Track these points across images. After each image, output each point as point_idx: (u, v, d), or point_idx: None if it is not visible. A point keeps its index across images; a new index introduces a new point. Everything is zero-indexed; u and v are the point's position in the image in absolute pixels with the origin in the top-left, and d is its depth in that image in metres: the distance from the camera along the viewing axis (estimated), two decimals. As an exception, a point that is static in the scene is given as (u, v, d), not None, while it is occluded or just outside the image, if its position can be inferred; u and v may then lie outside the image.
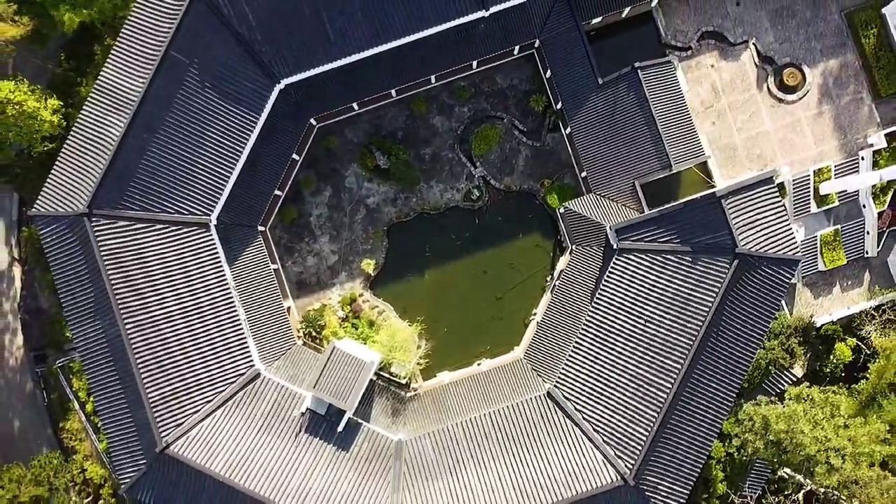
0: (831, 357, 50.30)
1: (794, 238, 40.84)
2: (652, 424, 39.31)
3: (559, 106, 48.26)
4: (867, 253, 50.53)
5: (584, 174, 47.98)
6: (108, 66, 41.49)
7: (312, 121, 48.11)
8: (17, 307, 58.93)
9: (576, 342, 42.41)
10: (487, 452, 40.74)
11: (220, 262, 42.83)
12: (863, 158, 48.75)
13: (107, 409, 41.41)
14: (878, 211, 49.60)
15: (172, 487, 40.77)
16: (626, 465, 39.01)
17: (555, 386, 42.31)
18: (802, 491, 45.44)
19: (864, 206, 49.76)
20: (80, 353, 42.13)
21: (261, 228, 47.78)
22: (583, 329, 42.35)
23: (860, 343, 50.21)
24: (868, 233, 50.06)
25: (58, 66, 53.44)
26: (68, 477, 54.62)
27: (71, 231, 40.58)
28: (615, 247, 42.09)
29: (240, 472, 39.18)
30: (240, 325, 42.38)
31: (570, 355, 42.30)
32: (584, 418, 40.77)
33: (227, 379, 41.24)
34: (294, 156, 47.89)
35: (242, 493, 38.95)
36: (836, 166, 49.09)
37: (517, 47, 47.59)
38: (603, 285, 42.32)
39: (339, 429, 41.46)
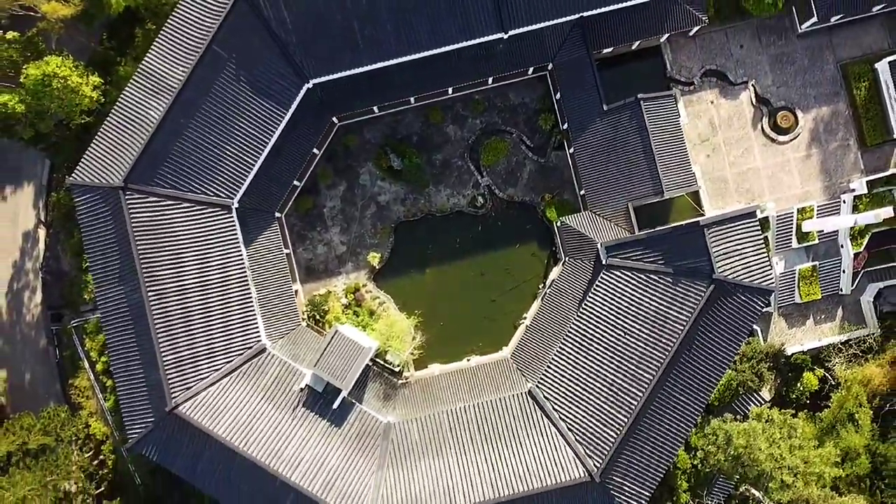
0: (799, 384, 53.62)
1: (769, 269, 44.18)
2: (622, 428, 42.67)
3: (565, 126, 51.60)
4: (841, 290, 53.77)
5: (582, 192, 51.35)
6: (152, 52, 44.90)
7: (334, 119, 51.48)
8: (38, 267, 62.31)
9: (559, 347, 45.80)
10: (468, 440, 44.16)
11: (237, 242, 46.24)
12: (844, 202, 52.00)
13: (121, 368, 44.83)
14: (854, 252, 52.84)
15: (175, 446, 44.20)
16: (594, 464, 42.38)
17: (536, 385, 45.72)
18: (760, 507, 48.80)
19: (842, 247, 53.01)
20: (102, 314, 45.54)
21: (277, 215, 51.13)
22: (567, 335, 45.74)
23: (826, 374, 53.56)
24: (844, 271, 53.30)
25: (99, 44, 56.81)
26: (73, 430, 57.87)
27: (105, 202, 44.00)
28: (604, 262, 45.46)
29: (240, 437, 42.58)
30: (251, 302, 45.79)
31: (552, 358, 45.71)
32: (560, 417, 44.16)
33: (235, 351, 44.65)
34: (314, 150, 51.25)
35: (240, 456, 42.34)
36: (818, 206, 52.36)
37: (531, 69, 51.00)
38: (590, 297, 45.70)
39: (334, 406, 44.86)
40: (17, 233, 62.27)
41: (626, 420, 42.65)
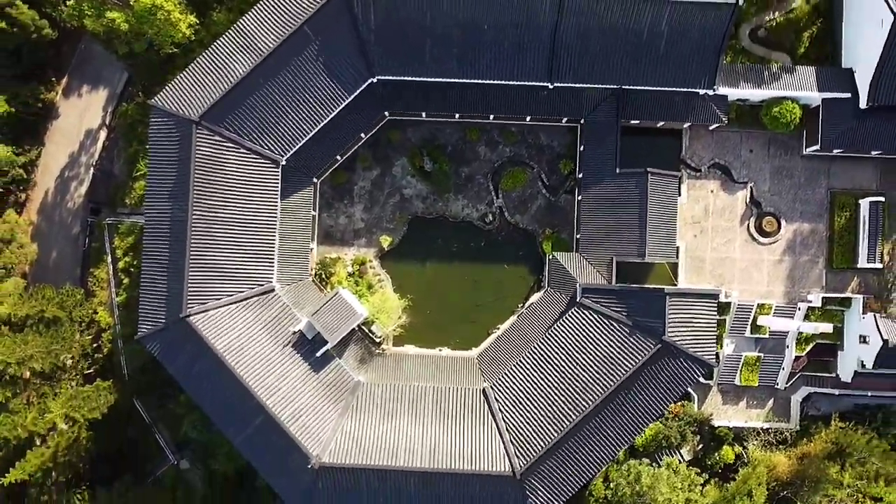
0: (717, 454, 60.31)
1: (713, 346, 51.10)
2: (551, 441, 49.53)
3: (580, 175, 58.36)
4: (777, 384, 60.43)
5: (578, 236, 58.16)
6: (251, 15, 51.68)
7: (386, 113, 58.20)
8: (92, 163, 69.23)
9: (520, 360, 52.75)
10: (421, 415, 51.16)
11: (276, 193, 53.15)
12: (799, 309, 58.64)
13: (150, 271, 51.76)
14: (796, 354, 59.51)
15: (176, 349, 51.21)
16: (519, 463, 49.25)
17: (491, 386, 52.64)
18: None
19: (787, 347, 59.58)
20: (147, 221, 52.46)
21: (314, 180, 57.94)
22: (529, 352, 52.67)
23: (743, 451, 60.28)
24: (783, 369, 59.93)
25: (201, -11, 63.56)
26: (83, 313, 64.86)
27: (177, 129, 50.92)
28: (578, 300, 52.31)
29: (233, 356, 49.51)
30: (273, 247, 52.75)
31: (511, 367, 52.67)
32: (502, 418, 51.05)
33: (249, 284, 51.61)
34: (361, 134, 58.04)
35: (229, 372, 49.23)
36: (776, 307, 58.96)
37: (565, 118, 57.86)
38: (557, 325, 52.63)
39: (317, 354, 51.77)
40: (82, 128, 69.20)
41: (556, 435, 49.50)
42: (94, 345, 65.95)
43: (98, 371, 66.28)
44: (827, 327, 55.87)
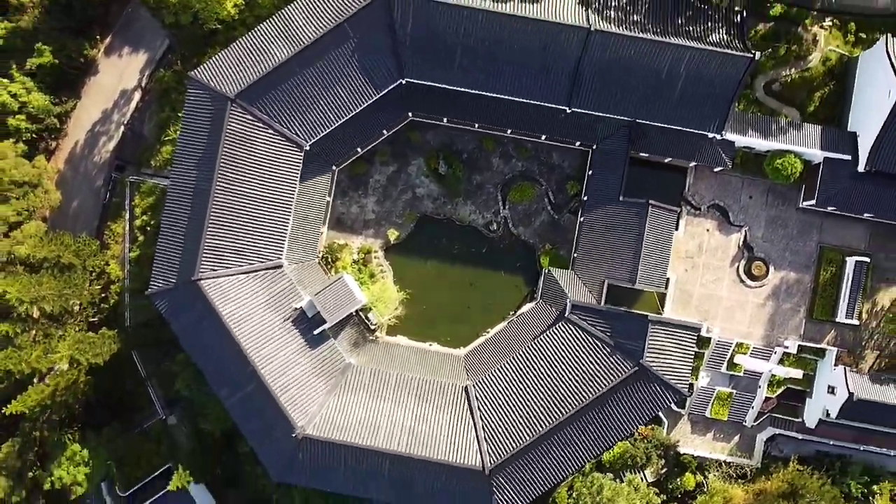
0: (679, 480, 63.04)
1: (687, 376, 53.89)
2: (522, 444, 52.37)
3: (585, 198, 61.13)
4: (745, 422, 63.15)
5: (575, 255, 60.97)
6: (294, 7, 54.53)
7: (410, 113, 60.95)
8: (123, 122, 72.12)
9: (504, 364, 55.58)
10: (404, 401, 54.09)
11: (296, 176, 56.03)
12: (775, 352, 61.38)
13: (168, 232, 54.75)
14: (767, 395, 62.25)
15: (182, 309, 54.16)
16: (490, 460, 52.09)
17: (473, 385, 55.48)
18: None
19: (759, 387, 62.32)
20: (171, 185, 55.46)
21: (333, 168, 60.77)
22: (513, 358, 55.49)
23: (704, 480, 63.02)
24: (753, 408, 62.65)
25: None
26: (96, 263, 67.78)
27: (212, 103, 53.83)
28: (566, 315, 55.10)
29: (235, 323, 52.41)
30: (286, 226, 55.60)
31: (495, 370, 55.51)
32: (480, 416, 53.89)
33: (260, 258, 54.51)
34: (384, 131, 60.81)
35: (230, 336, 52.10)
36: (754, 348, 61.68)
37: (578, 142, 60.65)
38: (544, 336, 55.45)
39: (314, 332, 54.63)
40: (118, 87, 72.14)
41: (528, 438, 52.39)
42: (102, 295, 68.89)
43: (101, 321, 69.22)
44: (798, 373, 58.69)
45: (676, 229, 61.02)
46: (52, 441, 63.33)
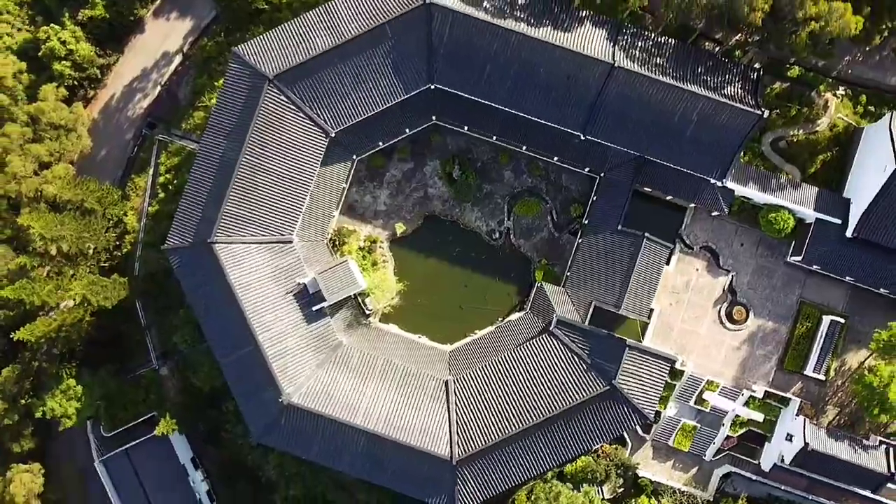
0: (633, 500, 66.17)
1: (655, 403, 57.03)
2: (492, 441, 55.64)
3: (586, 221, 64.23)
4: (705, 456, 66.24)
5: (568, 273, 64.10)
6: (339, 1, 57.59)
7: (434, 117, 64.07)
8: (161, 82, 75.38)
9: (485, 365, 58.83)
10: (387, 384, 57.51)
11: (318, 159, 59.26)
12: (742, 394, 64.48)
13: (191, 194, 58.06)
14: (728, 434, 65.33)
15: (193, 267, 57.49)
16: (458, 452, 55.31)
17: (454, 380, 58.69)
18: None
19: (722, 425, 65.43)
20: (200, 149, 58.86)
21: (354, 157, 63.82)
22: (495, 361, 58.70)
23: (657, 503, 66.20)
24: (714, 443, 65.74)
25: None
26: (115, 212, 70.98)
27: (250, 80, 57.08)
28: (550, 328, 58.25)
29: (241, 287, 55.65)
30: (302, 204, 58.81)
31: (476, 370, 58.75)
32: (455, 410, 57.11)
33: (273, 231, 57.78)
34: (407, 130, 63.85)
35: (234, 299, 55.30)
36: (723, 387, 64.73)
37: (587, 168, 63.80)
38: (527, 345, 58.71)
39: (313, 308, 57.81)
40: (161, 49, 75.42)
41: (497, 437, 55.61)
42: (116, 243, 72.03)
43: (111, 267, 72.34)
44: (760, 417, 61.81)
45: (668, 264, 64.09)
46: (51, 372, 66.57)
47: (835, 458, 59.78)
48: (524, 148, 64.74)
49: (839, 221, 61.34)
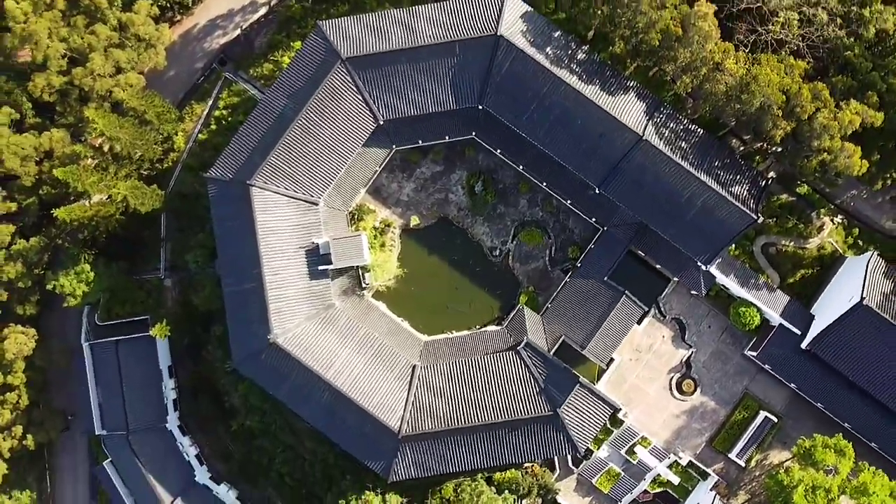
0: (545, 522, 72.30)
1: (589, 440, 63.23)
2: (437, 429, 61.98)
3: (578, 265, 70.36)
4: (620, 502, 72.17)
5: (549, 305, 70.20)
6: (422, 9, 63.73)
7: (473, 133, 70.04)
8: (241, 26, 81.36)
9: (452, 363, 65.07)
10: (363, 351, 64.01)
11: (362, 140, 65.43)
12: (668, 457, 70.52)
13: (245, 135, 64.90)
14: (647, 489, 71.37)
15: (226, 201, 64.05)
16: (406, 428, 61.60)
17: (421, 367, 64.90)
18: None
19: (644, 479, 71.48)
20: (261, 102, 65.22)
21: (394, 146, 69.85)
22: (462, 361, 65.09)
23: (564, 532, 72.30)
24: (631, 493, 71.69)
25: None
26: (168, 129, 77.04)
27: (324, 53, 63.57)
28: (518, 348, 64.42)
29: (263, 231, 62.37)
30: (336, 174, 65.04)
31: (444, 364, 65.04)
32: (415, 392, 63.35)
33: (304, 190, 64.09)
34: (446, 136, 69.60)
35: (253, 238, 61.57)
36: (654, 446, 70.82)
37: (594, 219, 69.88)
38: (494, 356, 64.97)
39: (318, 268, 64.00)
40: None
41: (441, 427, 62.02)
42: (161, 157, 78.05)
43: (150, 177, 78.42)
44: (676, 480, 67.91)
45: (639, 324, 70.08)
46: (71, 253, 72.64)
47: (731, 538, 65.90)
48: (544, 184, 70.71)
49: (799, 332, 67.30)
